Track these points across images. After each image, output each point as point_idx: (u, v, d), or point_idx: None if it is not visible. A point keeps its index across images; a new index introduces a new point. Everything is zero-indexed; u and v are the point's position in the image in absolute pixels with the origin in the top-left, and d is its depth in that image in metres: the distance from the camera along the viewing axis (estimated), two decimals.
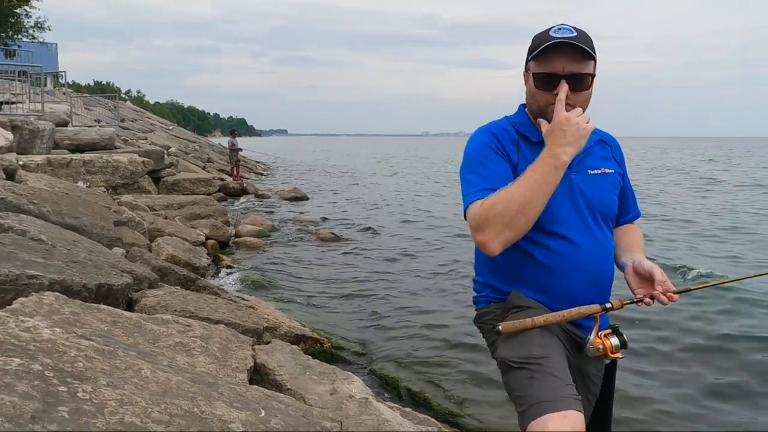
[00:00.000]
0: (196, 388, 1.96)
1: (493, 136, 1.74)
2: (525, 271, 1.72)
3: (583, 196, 1.72)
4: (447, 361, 4.67)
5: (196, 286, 4.92)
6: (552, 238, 1.69)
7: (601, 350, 1.62)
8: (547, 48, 1.61)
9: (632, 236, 1.90)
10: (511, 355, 1.61)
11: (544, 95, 1.66)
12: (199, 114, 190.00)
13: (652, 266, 1.70)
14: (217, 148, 35.81)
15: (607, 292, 1.75)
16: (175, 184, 13.21)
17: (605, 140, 1.87)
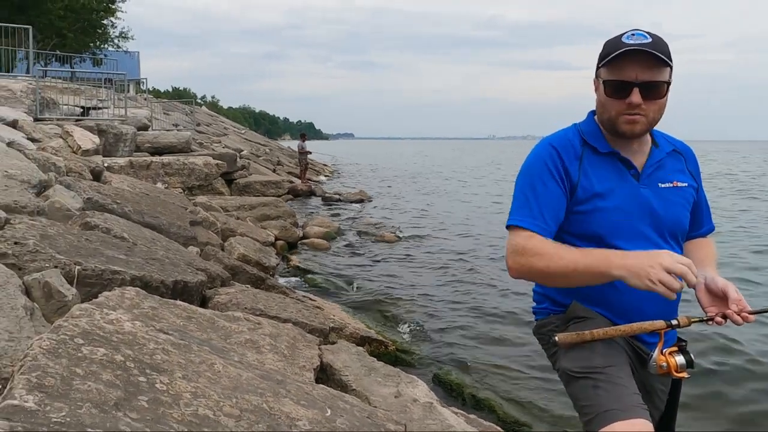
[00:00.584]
0: (265, 385, 2.01)
1: (555, 152, 1.67)
2: (587, 289, 1.65)
3: (651, 210, 1.65)
4: (513, 368, 4.58)
5: (266, 285, 5.05)
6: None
7: (664, 368, 1.54)
8: (620, 55, 1.54)
9: (705, 251, 1.80)
10: (573, 365, 1.58)
11: (615, 104, 1.59)
12: (269, 118, 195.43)
13: (726, 283, 1.60)
14: (287, 151, 36.68)
15: (673, 309, 1.67)
16: (247, 186, 13.63)
17: (679, 150, 1.77)
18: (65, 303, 2.59)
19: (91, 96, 13.13)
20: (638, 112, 1.56)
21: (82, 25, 27.29)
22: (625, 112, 1.57)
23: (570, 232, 1.67)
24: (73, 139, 8.87)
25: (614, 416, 1.40)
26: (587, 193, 1.64)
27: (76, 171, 6.36)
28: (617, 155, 1.66)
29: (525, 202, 1.65)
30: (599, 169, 1.65)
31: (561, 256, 1.53)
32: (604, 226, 1.63)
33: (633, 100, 1.54)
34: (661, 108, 1.60)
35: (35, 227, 3.31)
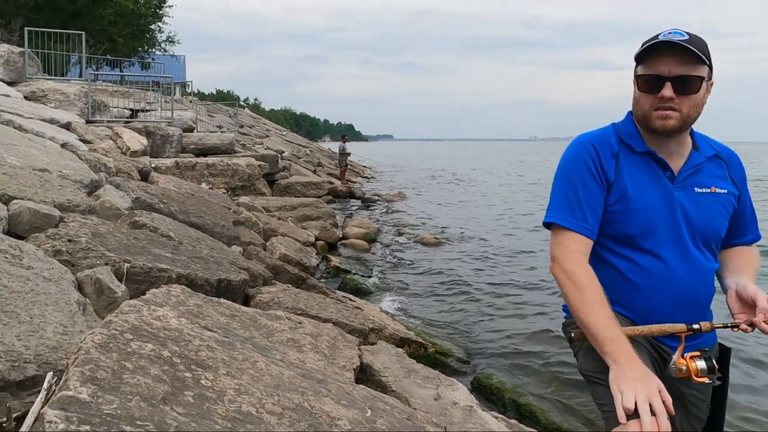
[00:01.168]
0: (306, 384, 2.02)
1: (593, 149, 1.66)
2: (611, 285, 1.64)
3: (684, 214, 1.61)
4: (554, 372, 4.51)
5: (306, 285, 5.10)
6: (642, 255, 1.61)
7: (684, 372, 1.51)
8: (654, 49, 1.53)
9: (745, 259, 1.75)
10: (590, 366, 1.60)
11: (648, 98, 1.57)
12: (310, 120, 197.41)
13: (757, 291, 1.57)
14: (327, 153, 37.03)
15: (701, 315, 1.63)
16: (288, 187, 13.80)
17: (721, 156, 1.72)
18: (115, 299, 2.67)
19: (139, 99, 13.53)
20: (671, 106, 1.54)
21: (131, 30, 28.16)
22: (658, 106, 1.55)
23: (601, 232, 1.65)
24: (122, 140, 9.16)
25: (629, 416, 1.38)
26: (620, 192, 1.62)
27: (125, 171, 6.56)
28: (653, 155, 1.63)
29: (566, 200, 1.64)
30: (634, 168, 1.63)
31: (590, 309, 1.52)
32: (634, 227, 1.61)
33: (665, 93, 1.53)
34: (697, 105, 1.56)
35: (87, 225, 3.43)
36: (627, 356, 1.44)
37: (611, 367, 1.44)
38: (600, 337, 1.48)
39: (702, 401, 1.70)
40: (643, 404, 1.33)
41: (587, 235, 1.61)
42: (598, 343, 1.49)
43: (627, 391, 1.36)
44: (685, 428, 1.69)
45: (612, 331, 1.48)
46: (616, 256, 1.64)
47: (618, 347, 1.45)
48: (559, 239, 1.63)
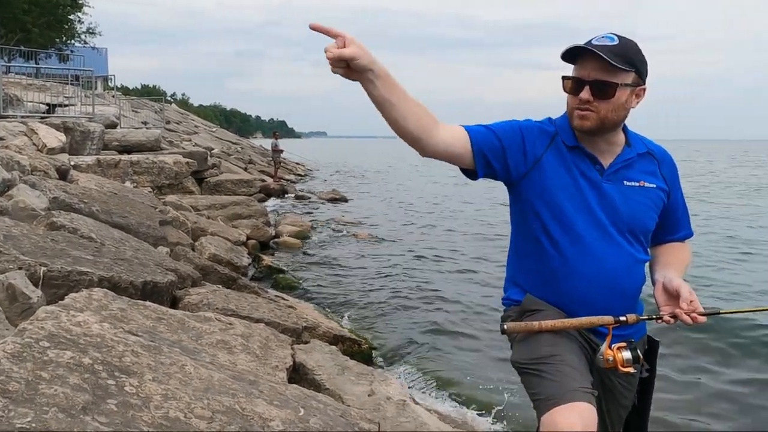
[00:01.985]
0: (237, 386, 1.99)
1: (532, 123, 1.75)
2: (541, 273, 1.72)
3: (612, 206, 1.68)
4: (487, 363, 4.63)
5: (237, 285, 5.01)
6: (570, 244, 1.67)
7: (611, 362, 1.59)
8: (579, 54, 1.60)
9: (675, 254, 1.84)
10: (521, 358, 1.65)
11: (572, 99, 1.65)
12: (240, 116, 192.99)
13: (680, 284, 1.65)
14: (258, 150, 36.35)
15: (630, 305, 1.70)
16: (218, 185, 13.47)
17: (653, 154, 1.79)
18: (30, 305, 2.52)
19: (57, 93, 12.83)
20: (589, 109, 1.61)
21: (47, 20, 26.62)
22: (577, 107, 1.62)
23: (538, 201, 1.70)
24: (38, 137, 8.66)
25: (554, 403, 1.45)
26: (553, 168, 1.68)
27: (41, 170, 6.20)
28: (582, 150, 1.70)
29: (485, 126, 1.72)
30: (567, 158, 1.69)
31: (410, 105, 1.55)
32: (563, 208, 1.67)
33: (582, 96, 1.60)
34: (617, 108, 1.62)
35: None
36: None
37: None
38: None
39: (629, 391, 1.77)
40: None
41: (470, 129, 1.67)
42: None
43: None
44: (613, 416, 1.77)
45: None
46: (548, 238, 1.69)
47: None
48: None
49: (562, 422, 1.41)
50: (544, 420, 1.46)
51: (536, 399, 1.54)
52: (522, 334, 1.66)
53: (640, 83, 1.64)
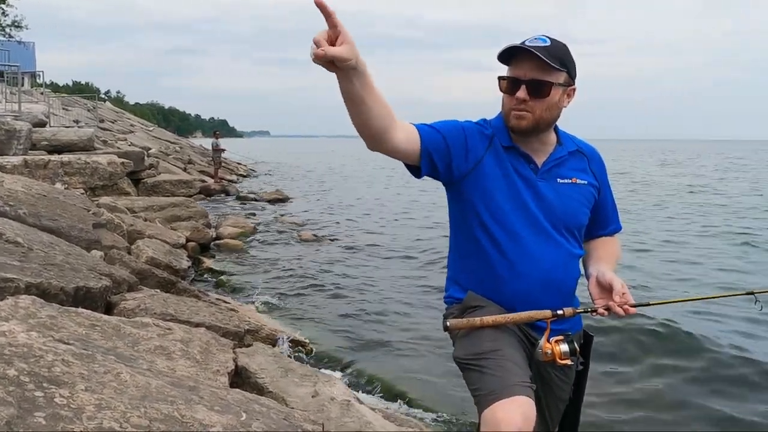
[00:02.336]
0: (176, 392, 1.94)
1: (472, 126, 1.78)
2: (481, 271, 1.76)
3: (545, 202, 1.74)
4: (430, 362, 4.69)
5: (177, 289, 4.88)
6: (508, 242, 1.72)
7: (549, 355, 1.64)
8: (515, 54, 1.64)
9: (606, 249, 1.91)
10: (463, 354, 1.67)
11: (507, 99, 1.70)
12: (179, 115, 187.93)
13: (613, 277, 1.73)
14: (198, 149, 35.52)
15: (567, 300, 1.77)
16: (156, 186, 13.07)
17: (583, 151, 1.86)
18: None
19: None
20: (525, 108, 1.65)
21: None
22: (514, 107, 1.66)
23: (478, 201, 1.74)
24: None
25: (495, 397, 1.48)
26: (491, 168, 1.72)
27: None
28: (517, 149, 1.74)
29: (435, 125, 1.73)
30: (504, 158, 1.74)
31: (377, 99, 1.52)
32: (501, 207, 1.72)
33: (519, 95, 1.64)
34: (551, 108, 1.68)
35: None
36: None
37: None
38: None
39: (566, 384, 1.82)
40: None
41: (420, 128, 1.68)
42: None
43: None
44: (551, 409, 1.83)
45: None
46: (485, 243, 1.72)
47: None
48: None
49: (502, 416, 1.44)
50: (484, 414, 1.49)
51: (477, 394, 1.56)
52: (464, 331, 1.69)
53: (571, 83, 1.71)
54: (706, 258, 9.10)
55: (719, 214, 14.48)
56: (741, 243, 10.30)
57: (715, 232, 11.58)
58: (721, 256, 9.25)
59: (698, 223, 12.79)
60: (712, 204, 16.62)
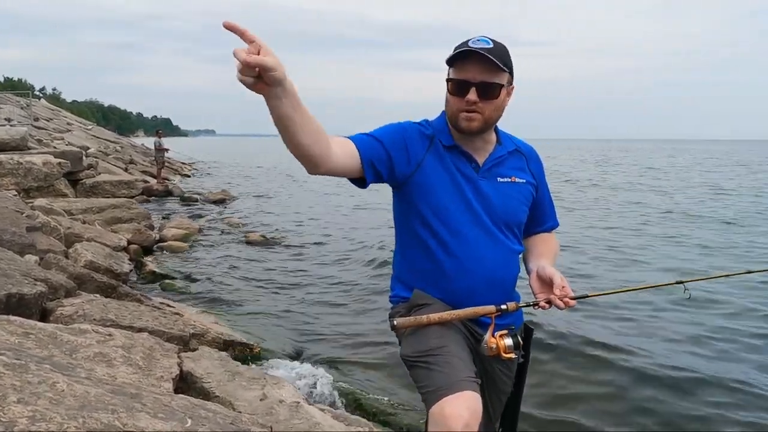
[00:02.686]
0: (117, 400, 1.89)
1: (410, 125, 1.80)
2: (426, 270, 1.79)
3: (486, 200, 1.78)
4: (378, 361, 4.71)
5: (118, 294, 4.73)
6: (452, 240, 1.75)
7: (494, 350, 1.68)
8: (462, 56, 1.67)
9: (546, 245, 1.98)
10: (410, 351, 1.70)
11: (457, 101, 1.72)
12: (120, 113, 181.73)
13: (553, 272, 1.78)
14: (140, 149, 34.46)
15: (509, 295, 1.82)
16: (95, 187, 12.61)
17: (522, 151, 1.92)
18: None
19: None
20: (475, 110, 1.70)
21: None
22: (464, 109, 1.70)
23: (415, 211, 1.77)
24: None
25: (443, 393, 1.51)
26: (432, 170, 1.75)
27: None
28: (459, 149, 1.78)
29: (371, 133, 1.74)
30: (441, 157, 1.77)
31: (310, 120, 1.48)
32: (432, 208, 1.75)
33: (470, 98, 1.68)
34: (498, 108, 1.74)
35: None
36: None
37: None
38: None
39: (508, 377, 1.88)
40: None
41: (356, 140, 1.68)
42: None
43: None
44: (494, 402, 1.87)
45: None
46: (430, 242, 1.75)
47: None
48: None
49: (450, 411, 1.46)
50: (432, 411, 1.51)
51: (425, 391, 1.58)
52: (411, 329, 1.71)
53: (512, 83, 1.76)
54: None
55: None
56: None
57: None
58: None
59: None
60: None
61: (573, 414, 3.96)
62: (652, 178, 26.87)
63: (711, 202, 16.82)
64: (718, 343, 5.12)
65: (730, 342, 5.17)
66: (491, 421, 1.89)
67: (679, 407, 4.00)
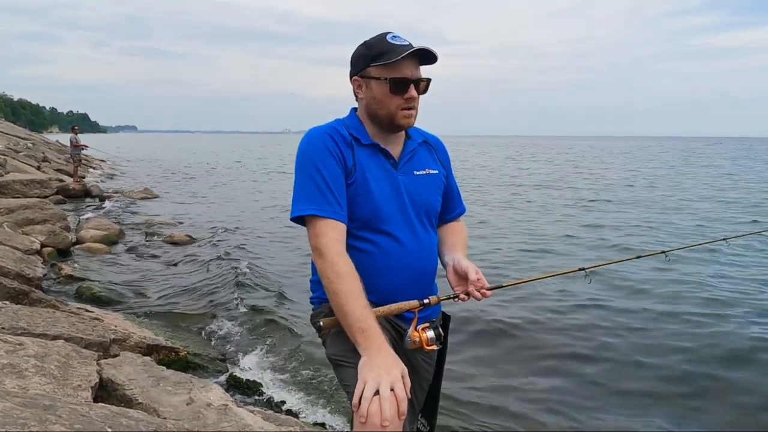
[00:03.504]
0: (28, 413, 1.79)
1: (330, 138, 1.75)
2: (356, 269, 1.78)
3: (409, 195, 1.82)
4: (306, 361, 4.68)
5: (30, 300, 4.46)
6: (378, 237, 1.77)
7: (417, 343, 1.72)
8: (405, 55, 1.68)
9: (456, 235, 2.03)
10: (335, 351, 1.71)
11: (395, 99, 1.72)
12: (32, 108, 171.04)
13: (468, 265, 1.84)
14: (55, 146, 32.61)
15: (429, 288, 1.87)
16: (3, 187, 11.82)
17: (429, 142, 1.97)
18: None
19: None
20: (413, 106, 1.75)
21: None
22: (404, 106, 1.73)
23: (351, 201, 1.75)
24: None
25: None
26: (357, 177, 1.75)
27: None
28: (377, 146, 1.80)
29: (315, 188, 1.68)
30: (365, 158, 1.78)
31: (349, 300, 1.58)
32: (369, 210, 1.75)
33: (412, 94, 1.72)
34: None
35: None
36: (377, 345, 1.52)
37: (362, 355, 1.52)
38: (355, 328, 1.55)
39: (430, 365, 1.92)
40: (385, 390, 1.42)
41: (342, 221, 1.68)
42: (353, 333, 1.56)
43: (371, 380, 1.44)
44: (417, 391, 1.90)
45: (367, 322, 1.55)
46: (356, 240, 1.75)
47: (370, 338, 1.53)
48: (318, 230, 1.66)
49: (374, 409, 1.45)
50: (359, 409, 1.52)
51: (351, 390, 1.57)
52: (336, 328, 1.71)
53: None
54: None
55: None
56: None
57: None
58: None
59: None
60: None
61: (492, 396, 4.11)
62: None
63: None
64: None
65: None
66: (415, 410, 1.92)
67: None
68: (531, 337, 5.28)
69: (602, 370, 4.56)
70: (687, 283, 6.91)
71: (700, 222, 12.09)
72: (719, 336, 5.15)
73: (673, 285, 6.81)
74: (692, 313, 5.81)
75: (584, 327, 5.48)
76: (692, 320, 5.60)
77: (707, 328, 5.37)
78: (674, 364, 4.63)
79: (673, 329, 5.38)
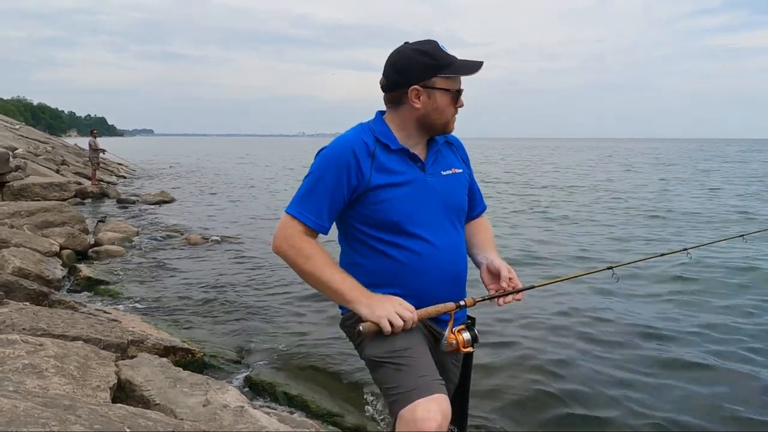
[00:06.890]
0: (49, 413, 1.81)
1: (351, 151, 1.77)
2: (386, 273, 1.79)
3: (439, 196, 1.83)
4: (323, 363, 4.68)
5: (49, 301, 4.53)
6: (411, 240, 1.78)
7: (454, 345, 1.73)
8: (470, 69, 1.77)
9: (484, 233, 2.05)
10: (377, 352, 1.69)
11: (452, 109, 1.82)
12: (51, 112, 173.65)
13: (501, 264, 1.86)
14: (73, 149, 33.04)
15: (462, 289, 1.87)
16: (24, 190, 12.02)
17: (451, 141, 1.99)
18: None
19: None
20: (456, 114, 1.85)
21: None
22: (454, 114, 1.83)
23: (369, 223, 1.78)
24: None
25: (416, 394, 1.53)
26: (382, 185, 1.76)
27: None
28: (406, 151, 1.81)
29: (309, 195, 1.78)
30: (391, 163, 1.79)
31: (324, 271, 1.74)
32: (399, 214, 1.77)
33: (462, 104, 1.83)
34: None
35: None
36: (366, 293, 1.70)
37: (359, 309, 1.67)
38: (340, 290, 1.71)
39: (458, 368, 1.93)
40: (400, 310, 1.65)
41: (317, 231, 1.81)
42: (340, 295, 1.71)
43: (385, 312, 1.63)
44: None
45: (349, 281, 1.71)
46: (389, 245, 1.77)
47: (358, 289, 1.71)
48: (289, 224, 1.80)
49: (422, 414, 1.48)
50: (404, 412, 1.51)
51: (395, 392, 1.58)
52: (375, 329, 1.70)
53: None
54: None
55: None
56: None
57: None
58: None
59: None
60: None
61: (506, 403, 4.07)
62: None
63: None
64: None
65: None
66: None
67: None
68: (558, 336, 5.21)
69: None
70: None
71: None
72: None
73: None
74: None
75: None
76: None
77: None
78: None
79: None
